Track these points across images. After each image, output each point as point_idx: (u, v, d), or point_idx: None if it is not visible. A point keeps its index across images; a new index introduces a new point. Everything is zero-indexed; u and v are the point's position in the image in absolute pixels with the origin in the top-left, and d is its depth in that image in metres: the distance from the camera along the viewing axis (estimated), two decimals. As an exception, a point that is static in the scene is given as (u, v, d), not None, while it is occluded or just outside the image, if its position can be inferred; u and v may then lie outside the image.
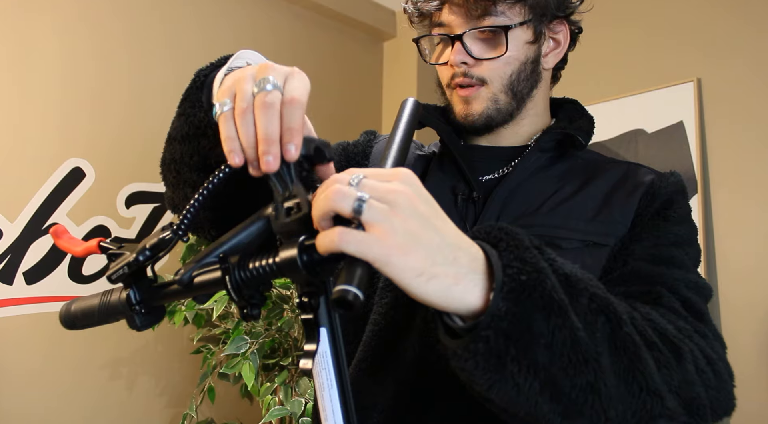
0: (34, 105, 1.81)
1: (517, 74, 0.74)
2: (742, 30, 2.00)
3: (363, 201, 0.39)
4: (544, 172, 0.76)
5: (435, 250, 0.41)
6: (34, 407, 1.76)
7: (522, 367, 0.43)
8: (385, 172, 0.43)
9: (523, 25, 0.72)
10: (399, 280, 0.40)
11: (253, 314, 0.46)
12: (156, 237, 0.49)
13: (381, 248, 0.39)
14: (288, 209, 0.45)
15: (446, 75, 0.76)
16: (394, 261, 0.39)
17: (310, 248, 0.42)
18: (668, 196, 0.71)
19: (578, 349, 0.45)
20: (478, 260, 0.44)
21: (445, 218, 0.44)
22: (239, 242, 0.47)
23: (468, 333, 0.44)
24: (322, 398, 0.47)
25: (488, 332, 0.42)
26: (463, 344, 0.43)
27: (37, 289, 1.80)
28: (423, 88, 2.80)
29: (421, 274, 0.40)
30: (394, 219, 0.40)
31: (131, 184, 2.02)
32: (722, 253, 1.97)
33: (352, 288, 0.38)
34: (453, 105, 0.77)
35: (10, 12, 1.77)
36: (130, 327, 0.52)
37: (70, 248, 0.58)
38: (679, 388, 0.51)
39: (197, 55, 2.20)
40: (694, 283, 0.64)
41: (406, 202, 0.41)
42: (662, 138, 2.14)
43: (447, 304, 0.43)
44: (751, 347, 1.89)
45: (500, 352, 0.43)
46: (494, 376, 0.43)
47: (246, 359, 1.67)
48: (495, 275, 0.43)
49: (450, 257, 0.42)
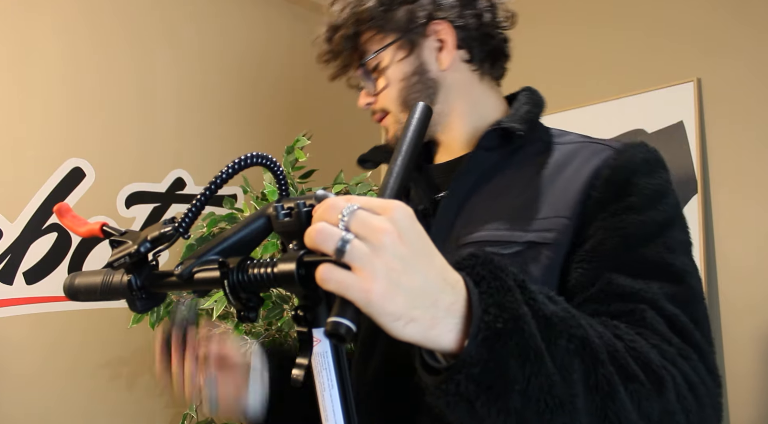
0: (35, 105, 1.81)
1: (405, 91, 0.77)
2: (742, 30, 2.00)
3: (346, 242, 0.40)
4: (494, 172, 0.74)
5: (415, 294, 0.41)
6: (34, 406, 1.76)
7: (492, 412, 0.44)
8: (379, 204, 0.43)
9: (385, 49, 0.77)
10: (378, 321, 0.41)
11: (250, 316, 0.47)
12: (158, 230, 0.49)
13: (361, 292, 0.39)
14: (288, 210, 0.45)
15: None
16: (373, 304, 0.40)
17: (308, 264, 0.42)
18: (625, 178, 0.65)
19: (554, 393, 0.45)
20: (458, 302, 0.44)
21: (432, 254, 0.44)
22: (240, 239, 0.47)
23: (445, 372, 0.44)
24: (323, 398, 0.47)
25: (459, 376, 0.43)
26: (436, 383, 0.44)
27: (37, 289, 1.80)
28: (423, 88, 2.79)
29: (400, 318, 0.41)
30: (376, 262, 0.40)
31: (131, 184, 2.02)
32: (722, 253, 1.97)
33: (345, 321, 0.39)
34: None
35: (10, 12, 1.77)
36: (131, 309, 0.53)
37: (74, 227, 0.58)
38: (660, 419, 0.51)
39: (197, 55, 2.20)
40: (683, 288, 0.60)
41: (390, 244, 0.40)
42: (662, 138, 2.14)
43: (424, 344, 0.43)
44: (751, 347, 1.89)
45: (470, 396, 0.43)
46: (465, 416, 0.45)
47: (246, 359, 1.66)
48: (472, 321, 0.43)
49: (430, 301, 0.42)
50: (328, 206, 0.42)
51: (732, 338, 1.93)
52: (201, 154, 2.20)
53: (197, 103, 2.20)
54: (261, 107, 2.36)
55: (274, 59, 2.43)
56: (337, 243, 0.40)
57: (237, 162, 0.49)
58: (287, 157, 1.90)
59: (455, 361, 0.43)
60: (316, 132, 2.45)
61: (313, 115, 2.56)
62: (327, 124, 2.61)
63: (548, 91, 2.74)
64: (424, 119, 0.55)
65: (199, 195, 0.48)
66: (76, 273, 0.57)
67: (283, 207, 0.47)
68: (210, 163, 2.21)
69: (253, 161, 0.49)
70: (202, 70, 2.21)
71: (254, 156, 0.49)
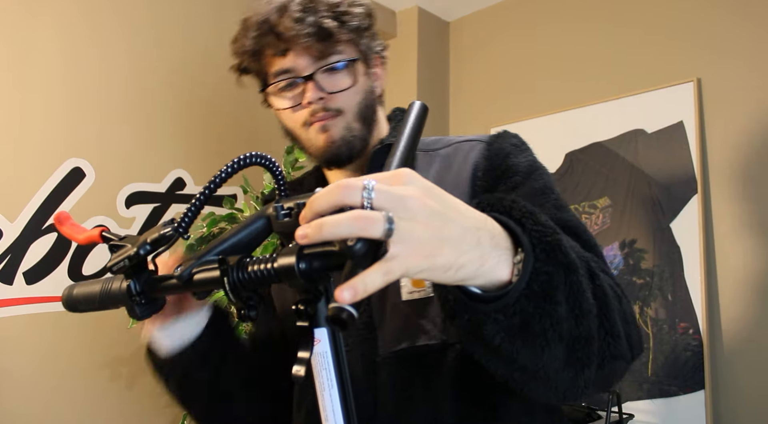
0: (35, 105, 1.81)
1: (365, 102, 0.81)
2: (742, 30, 2.00)
3: (392, 222, 0.40)
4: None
5: (458, 241, 0.43)
6: (34, 406, 1.76)
7: (552, 321, 0.48)
8: (389, 176, 0.44)
9: (358, 59, 0.79)
10: (432, 279, 0.43)
11: (250, 315, 0.47)
12: (157, 232, 0.49)
13: (412, 263, 0.41)
14: (288, 210, 0.45)
15: (302, 116, 0.79)
16: (425, 267, 0.41)
17: (308, 256, 0.42)
18: (502, 163, 0.74)
19: (583, 300, 0.50)
20: (499, 235, 0.48)
21: (455, 202, 0.46)
22: (240, 240, 0.47)
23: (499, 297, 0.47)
24: (322, 398, 0.47)
25: (527, 290, 0.47)
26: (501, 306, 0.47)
27: (37, 289, 1.80)
28: (423, 88, 2.80)
29: (451, 268, 0.43)
30: (417, 230, 0.41)
31: (131, 184, 2.02)
32: (722, 253, 1.97)
33: (347, 307, 0.39)
34: (311, 141, 0.80)
35: (10, 12, 1.77)
36: (130, 316, 0.53)
37: (73, 235, 0.58)
38: (624, 318, 0.57)
39: (197, 55, 2.20)
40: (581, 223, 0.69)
41: (421, 206, 0.42)
42: (662, 138, 2.14)
43: (475, 282, 0.46)
44: (751, 346, 1.89)
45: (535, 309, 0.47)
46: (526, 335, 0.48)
47: (246, 359, 1.66)
48: (522, 240, 0.48)
49: (473, 242, 0.44)
50: (342, 189, 0.41)
51: (731, 337, 1.93)
52: (201, 154, 2.20)
53: (197, 103, 2.20)
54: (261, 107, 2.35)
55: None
56: (384, 227, 0.40)
57: (236, 162, 0.48)
58: (287, 157, 1.90)
59: (514, 283, 0.47)
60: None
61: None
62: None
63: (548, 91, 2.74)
64: (422, 118, 0.55)
65: (198, 195, 0.48)
66: (73, 284, 0.57)
67: (283, 207, 0.47)
68: (210, 163, 2.20)
69: (251, 161, 0.49)
70: (202, 69, 2.21)
71: (253, 156, 0.49)
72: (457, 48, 2.93)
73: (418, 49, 2.80)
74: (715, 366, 1.93)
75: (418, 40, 2.81)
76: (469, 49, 2.86)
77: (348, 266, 0.40)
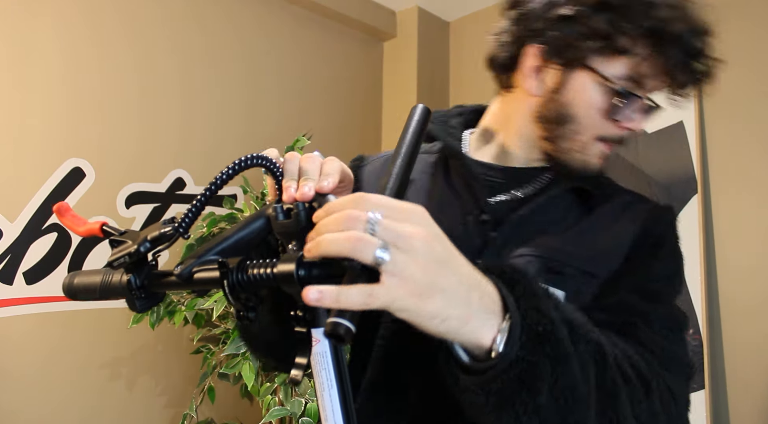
0: (35, 105, 1.81)
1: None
2: (742, 30, 2.00)
3: (385, 250, 0.40)
4: (554, 197, 0.75)
5: (451, 294, 0.43)
6: (35, 407, 1.76)
7: (528, 408, 0.47)
8: (399, 208, 0.43)
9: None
10: (414, 322, 0.43)
11: (249, 316, 0.47)
12: (158, 230, 0.49)
13: (399, 297, 0.41)
14: (288, 210, 0.46)
15: (611, 132, 0.73)
16: (411, 308, 0.41)
17: (308, 264, 0.43)
18: (660, 234, 0.74)
19: (574, 392, 0.49)
20: (492, 301, 0.47)
21: (458, 255, 0.45)
22: (240, 239, 0.47)
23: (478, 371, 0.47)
24: (322, 398, 0.47)
25: (504, 375, 0.45)
26: (478, 382, 0.46)
27: (37, 289, 1.80)
28: (423, 88, 2.80)
29: (436, 317, 0.42)
30: (413, 267, 0.41)
31: (131, 184, 2.02)
32: (722, 253, 1.97)
33: (344, 322, 0.39)
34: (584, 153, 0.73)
35: (10, 12, 1.77)
36: (130, 309, 0.53)
37: (73, 227, 0.58)
38: (647, 420, 0.56)
39: (198, 55, 2.20)
40: (674, 318, 0.69)
41: (425, 248, 0.42)
42: (662, 138, 2.14)
43: (455, 339, 0.45)
44: (751, 347, 1.89)
45: (512, 394, 0.46)
46: (501, 413, 0.47)
47: (246, 359, 1.67)
48: (512, 322, 0.46)
49: (465, 298, 0.44)
50: (346, 220, 0.42)
51: (732, 337, 1.93)
52: (201, 154, 2.20)
53: (197, 103, 2.20)
54: (261, 107, 2.36)
55: (274, 58, 2.43)
56: (376, 253, 0.40)
57: (237, 163, 0.49)
58: (287, 157, 1.90)
59: (498, 361, 0.45)
60: (316, 132, 2.45)
61: (313, 115, 2.56)
62: (327, 125, 2.61)
63: (548, 91, 2.63)
64: (424, 122, 0.55)
65: (199, 196, 0.48)
66: (75, 272, 0.57)
67: (283, 208, 0.47)
68: (210, 163, 2.21)
69: (252, 162, 0.50)
70: (202, 69, 2.21)
71: (254, 157, 0.50)
72: (457, 48, 2.93)
73: (418, 49, 2.80)
74: (715, 366, 1.93)
75: (418, 40, 2.81)
76: (469, 49, 2.86)
77: (346, 278, 0.41)
